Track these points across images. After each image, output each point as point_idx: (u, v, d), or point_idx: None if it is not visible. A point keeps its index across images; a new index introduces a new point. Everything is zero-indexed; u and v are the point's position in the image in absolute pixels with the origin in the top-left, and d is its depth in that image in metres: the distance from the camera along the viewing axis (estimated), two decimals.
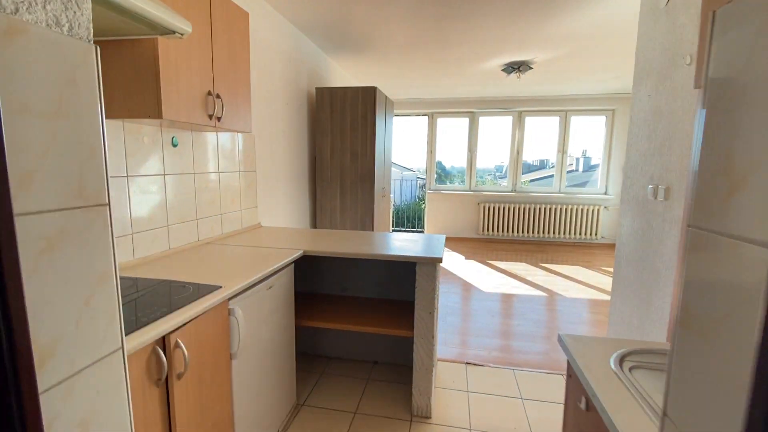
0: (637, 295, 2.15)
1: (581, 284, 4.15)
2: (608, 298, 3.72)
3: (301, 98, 3.24)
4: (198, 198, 1.97)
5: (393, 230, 7.01)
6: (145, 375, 0.97)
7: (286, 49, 2.91)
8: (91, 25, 0.56)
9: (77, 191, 0.55)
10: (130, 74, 1.33)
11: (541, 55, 3.71)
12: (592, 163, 7.30)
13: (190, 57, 1.46)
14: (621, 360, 0.95)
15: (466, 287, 4.00)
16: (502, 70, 4.19)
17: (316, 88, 3.33)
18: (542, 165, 8.61)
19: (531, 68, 4.05)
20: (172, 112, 1.38)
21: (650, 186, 2.05)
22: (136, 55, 1.31)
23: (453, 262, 4.99)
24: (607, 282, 4.22)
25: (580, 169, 7.78)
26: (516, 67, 4.04)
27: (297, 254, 1.82)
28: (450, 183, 8.03)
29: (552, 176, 8.48)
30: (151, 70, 1.31)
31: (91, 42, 0.57)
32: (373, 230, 3.41)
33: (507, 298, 3.68)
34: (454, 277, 4.31)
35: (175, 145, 1.79)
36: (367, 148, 3.30)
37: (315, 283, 2.43)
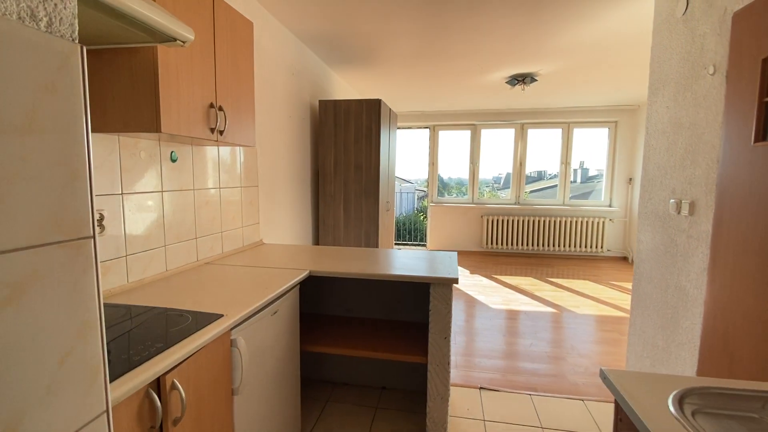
0: (661, 315, 2.03)
1: (591, 299, 4.03)
2: (621, 314, 3.60)
3: (303, 111, 3.16)
4: (198, 215, 1.86)
5: (395, 244, 6.89)
6: (137, 424, 0.85)
7: (289, 61, 2.85)
8: (77, 21, 0.47)
9: (54, 223, 0.45)
10: (127, 85, 1.24)
11: (547, 67, 3.67)
12: (590, 174, 7.27)
13: (191, 67, 1.37)
14: (680, 402, 0.84)
15: (473, 304, 3.87)
16: (507, 82, 4.14)
17: (320, 101, 3.26)
18: (539, 176, 8.58)
19: (536, 80, 4.00)
20: (172, 125, 1.28)
21: (672, 200, 1.96)
22: (134, 64, 1.22)
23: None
24: (617, 297, 4.10)
25: (578, 180, 7.76)
26: (521, 79, 3.99)
27: (303, 275, 1.70)
28: (448, 194, 7.98)
29: (550, 187, 8.44)
30: (149, 80, 1.22)
31: (76, 41, 0.47)
32: (378, 245, 3.30)
33: (516, 316, 3.55)
34: (461, 293, 4.18)
35: (174, 160, 1.69)
36: (371, 161, 3.21)
37: (318, 304, 2.30)
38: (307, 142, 3.25)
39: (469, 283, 4.60)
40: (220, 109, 1.54)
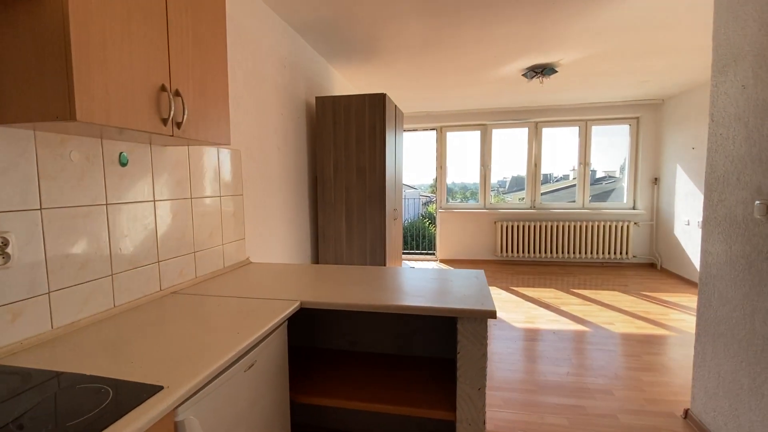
0: (746, 345, 1.61)
1: (624, 314, 3.59)
2: (663, 332, 3.16)
3: (298, 108, 2.80)
4: (161, 233, 1.48)
5: (409, 252, 6.49)
6: None
7: (280, 51, 2.49)
8: None
9: None
10: (29, 54, 0.87)
11: (570, 56, 3.29)
12: (598, 176, 6.85)
13: (128, 32, 1.00)
14: None
15: (493, 322, 3.45)
16: (523, 75, 3.76)
17: (317, 98, 2.89)
18: (545, 179, 8.17)
19: (556, 71, 3.62)
20: (96, 112, 0.91)
21: (758, 202, 1.55)
22: (37, 23, 0.85)
23: None
24: (654, 310, 3.66)
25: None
26: (539, 71, 3.61)
27: (292, 308, 1.31)
28: (452, 200, 7.60)
29: (558, 190, 8.02)
30: (57, 45, 0.85)
31: None
32: (385, 260, 2.90)
33: (543, 336, 3.13)
34: None
35: (124, 164, 1.32)
36: (375, 164, 2.83)
37: (315, 336, 1.91)
38: (303, 143, 2.88)
39: None
40: (177, 93, 1.16)
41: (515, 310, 3.73)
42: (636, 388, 2.31)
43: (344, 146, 2.87)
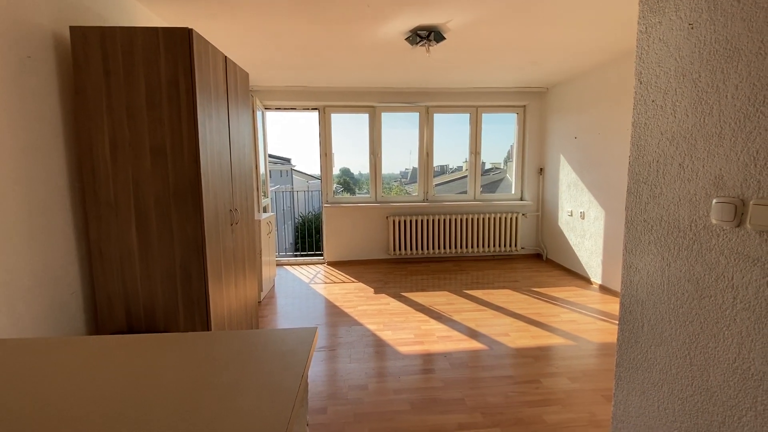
0: (695, 413, 1.10)
1: (518, 319, 3.23)
2: (559, 341, 2.82)
3: (27, 41, 1.61)
4: None
5: (292, 255, 5.48)
6: None
7: None
8: None
9: None
10: None
11: (458, 17, 2.68)
12: (486, 167, 6.84)
13: None
14: None
15: (378, 347, 2.75)
16: (407, 39, 3.07)
17: (72, 28, 1.74)
18: (442, 170, 8.00)
19: (444, 38, 3.00)
20: None
21: (715, 200, 1.02)
22: None
23: (358, 301, 3.71)
24: (546, 311, 3.37)
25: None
26: (425, 36, 2.95)
27: None
28: (359, 192, 6.88)
29: (452, 181, 7.88)
30: None
31: None
32: (206, 285, 1.92)
33: (435, 363, 2.52)
34: (360, 330, 3.03)
35: None
36: (182, 141, 1.81)
37: None
38: (50, 102, 1.71)
39: (373, 309, 3.49)
40: None
41: (404, 326, 3.09)
42: None
43: (127, 112, 1.78)
